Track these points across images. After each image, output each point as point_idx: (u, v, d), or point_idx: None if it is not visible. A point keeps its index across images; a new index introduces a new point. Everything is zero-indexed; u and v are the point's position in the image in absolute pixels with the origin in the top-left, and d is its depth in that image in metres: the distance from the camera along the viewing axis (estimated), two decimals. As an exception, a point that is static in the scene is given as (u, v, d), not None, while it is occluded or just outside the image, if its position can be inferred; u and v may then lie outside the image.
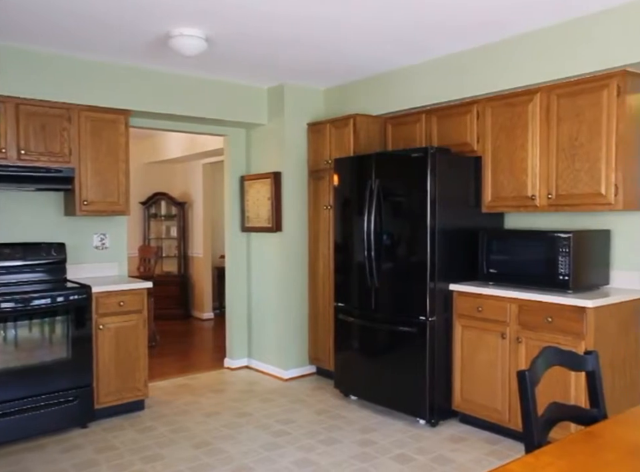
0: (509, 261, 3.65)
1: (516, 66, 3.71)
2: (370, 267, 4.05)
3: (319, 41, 3.83)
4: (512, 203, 3.78)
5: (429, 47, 3.96)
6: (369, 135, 4.61)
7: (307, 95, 5.07)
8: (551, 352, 1.78)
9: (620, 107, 3.24)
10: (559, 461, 1.45)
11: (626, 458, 1.47)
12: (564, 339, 3.19)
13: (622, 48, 3.20)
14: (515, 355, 3.44)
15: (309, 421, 3.93)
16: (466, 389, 3.74)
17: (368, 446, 3.49)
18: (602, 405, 1.85)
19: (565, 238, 3.29)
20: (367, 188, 4.06)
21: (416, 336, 3.76)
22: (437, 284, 3.73)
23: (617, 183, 3.26)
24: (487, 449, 3.42)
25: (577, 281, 3.31)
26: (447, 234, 3.78)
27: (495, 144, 3.86)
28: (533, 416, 1.63)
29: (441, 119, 4.22)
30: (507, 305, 3.49)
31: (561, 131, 3.50)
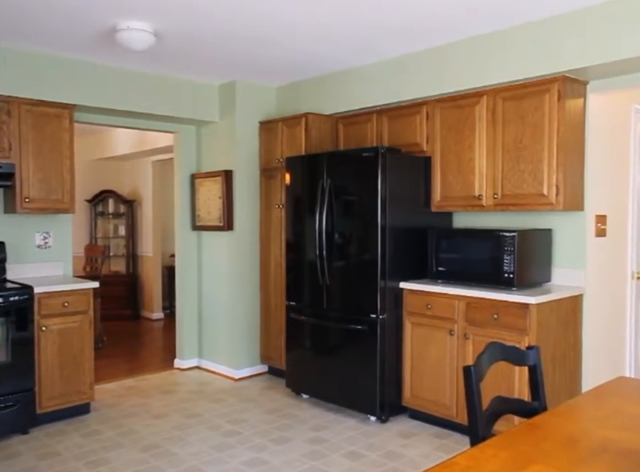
0: (457, 259, 3.73)
1: (464, 68, 3.80)
2: (321, 266, 4.06)
3: (270, 39, 3.81)
4: (460, 202, 3.87)
5: (380, 48, 4.01)
6: (321, 133, 4.62)
7: (259, 93, 5.04)
8: (495, 348, 1.83)
9: (560, 111, 3.36)
10: (501, 453, 1.50)
11: (563, 447, 1.53)
12: (509, 334, 3.30)
13: (562, 54, 3.32)
14: (463, 351, 3.53)
15: (260, 420, 3.91)
16: (416, 385, 3.80)
17: (319, 444, 3.50)
18: (542, 398, 1.92)
19: (510, 237, 3.39)
20: (318, 187, 4.07)
21: (367, 334, 3.80)
22: (388, 282, 3.78)
23: (558, 184, 3.39)
24: (435, 444, 3.49)
25: (521, 279, 3.42)
26: (398, 233, 3.83)
27: (443, 144, 3.94)
28: (478, 410, 1.67)
29: (391, 119, 4.28)
30: (455, 303, 3.57)
31: (506, 132, 3.61)
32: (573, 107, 3.46)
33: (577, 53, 3.26)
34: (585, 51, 3.23)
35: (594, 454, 1.50)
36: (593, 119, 3.60)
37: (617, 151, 3.93)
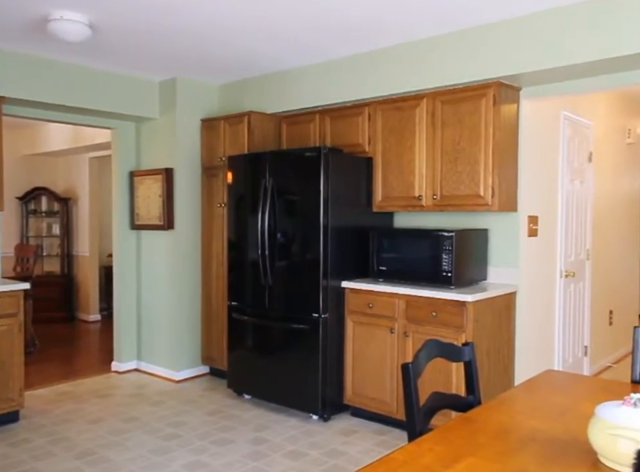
0: (398, 258, 3.80)
1: (404, 71, 3.87)
2: (264, 265, 4.04)
3: (213, 36, 3.76)
4: (400, 202, 3.94)
5: (324, 48, 4.03)
6: (264, 132, 4.60)
7: (201, 90, 4.96)
8: (432, 345, 1.88)
9: (496, 115, 3.49)
10: (437, 447, 1.53)
11: (494, 438, 1.59)
12: (447, 331, 3.39)
13: (497, 61, 3.44)
14: (403, 348, 3.60)
15: (201, 422, 3.85)
16: (357, 383, 3.85)
17: (261, 444, 3.48)
18: (477, 392, 1.98)
19: (448, 236, 3.49)
20: (261, 186, 4.05)
21: (309, 333, 3.81)
22: (330, 281, 3.80)
23: (493, 186, 3.51)
24: (376, 440, 3.54)
25: (458, 277, 3.52)
26: (340, 232, 3.86)
27: (385, 146, 4.01)
28: (415, 406, 1.71)
29: (334, 119, 4.31)
30: (396, 301, 3.64)
31: (445, 135, 3.70)
32: (507, 112, 3.59)
33: (511, 60, 3.39)
34: (518, 58, 3.36)
35: (523, 444, 1.56)
36: (525, 123, 3.75)
37: (547, 155, 4.12)
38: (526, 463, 1.44)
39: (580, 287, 4.71)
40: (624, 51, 2.98)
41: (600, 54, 3.06)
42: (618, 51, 3.00)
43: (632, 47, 2.95)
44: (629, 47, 2.96)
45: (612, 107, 5.35)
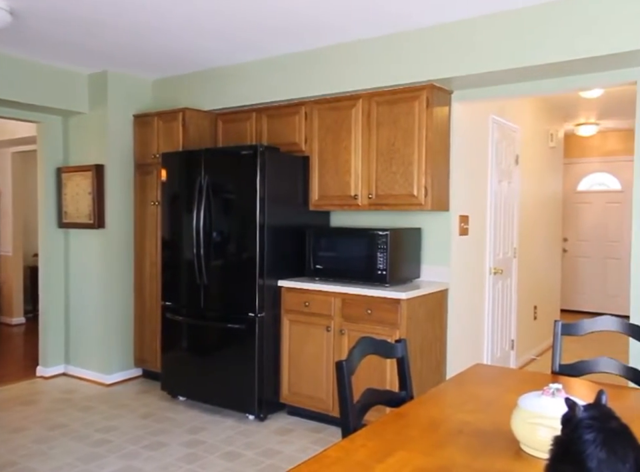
0: (334, 257, 3.83)
1: (341, 71, 3.91)
2: (199, 265, 3.98)
3: (145, 30, 3.65)
4: (337, 201, 3.98)
5: (262, 45, 4.00)
6: (199, 130, 4.52)
7: (134, 85, 4.81)
8: (366, 342, 1.91)
9: (429, 117, 3.58)
10: (370, 442, 1.56)
11: (425, 432, 1.63)
12: (381, 328, 3.45)
13: (430, 64, 3.53)
14: (339, 346, 3.63)
15: (133, 426, 3.74)
16: (294, 381, 3.85)
17: (196, 446, 3.42)
18: (409, 387, 2.03)
19: (383, 235, 3.55)
20: (196, 184, 3.98)
21: (245, 332, 3.78)
22: (266, 280, 3.79)
23: (426, 186, 3.60)
24: (312, 438, 3.56)
25: (393, 275, 3.59)
26: (276, 231, 3.86)
27: (321, 145, 4.03)
28: (349, 403, 1.73)
29: (271, 118, 4.29)
30: (332, 299, 3.67)
31: (380, 135, 3.77)
32: (439, 114, 3.69)
33: (444, 64, 3.49)
34: (450, 62, 3.46)
35: (452, 436, 1.61)
36: (457, 126, 3.88)
37: (477, 157, 4.27)
38: (453, 454, 1.49)
39: (507, 284, 4.92)
40: (548, 59, 3.13)
41: (526, 61, 3.20)
42: (542, 59, 3.14)
43: (555, 56, 3.10)
44: (552, 55, 3.11)
45: (536, 112, 5.61)
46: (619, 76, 3.29)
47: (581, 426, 1.07)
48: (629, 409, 1.89)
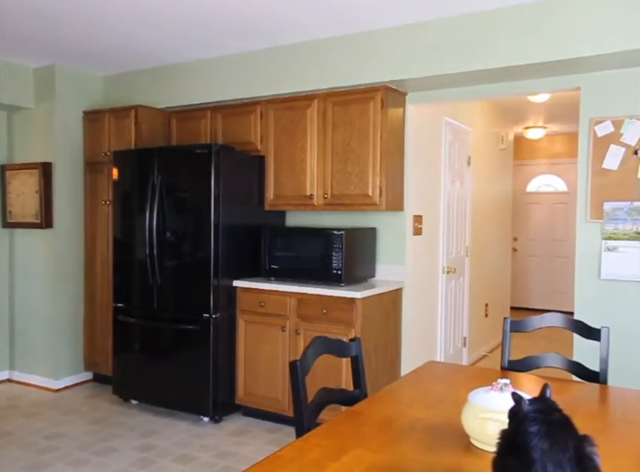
0: (290, 257, 3.83)
1: (297, 70, 3.90)
2: (152, 265, 3.90)
3: (95, 23, 3.56)
4: (292, 201, 3.98)
5: (217, 43, 3.95)
6: (153, 128, 4.43)
7: (84, 80, 4.68)
8: (320, 342, 1.91)
9: (383, 118, 3.62)
10: (324, 441, 1.57)
11: (379, 430, 1.65)
12: (337, 328, 3.47)
13: (386, 66, 3.57)
14: (295, 346, 3.63)
15: (82, 432, 3.64)
16: (249, 382, 3.83)
17: (149, 451, 3.36)
18: (363, 386, 2.04)
19: (338, 235, 3.57)
20: (149, 183, 3.90)
21: (200, 333, 3.73)
22: (221, 280, 3.75)
23: (381, 186, 3.64)
24: (268, 438, 3.54)
25: (348, 275, 3.61)
26: (231, 231, 3.82)
27: (277, 144, 4.02)
28: (303, 403, 1.73)
29: (226, 116, 4.25)
30: (287, 299, 3.66)
31: (335, 136, 3.79)
32: (394, 115, 3.74)
33: (399, 66, 3.53)
34: (405, 65, 3.51)
35: (404, 433, 1.64)
36: (411, 127, 3.93)
37: (430, 158, 4.35)
38: (406, 450, 1.51)
39: (460, 282, 5.03)
40: (498, 64, 3.21)
41: (477, 65, 3.27)
42: (493, 63, 3.23)
43: (505, 61, 3.19)
44: (502, 60, 3.20)
45: (488, 115, 5.76)
46: (564, 82, 3.41)
47: (526, 419, 1.11)
48: (571, 401, 1.96)
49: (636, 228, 3.20)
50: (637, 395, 2.07)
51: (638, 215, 3.19)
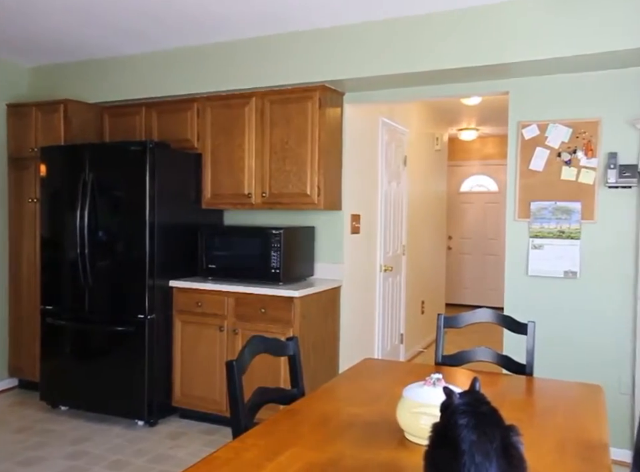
0: (228, 256, 3.78)
1: (235, 68, 3.86)
2: (83, 266, 3.76)
3: (19, 10, 3.38)
4: (230, 200, 3.93)
5: (153, 38, 3.84)
6: (84, 123, 4.26)
7: (7, 71, 4.44)
8: (256, 341, 1.90)
9: (321, 118, 3.64)
10: (261, 441, 1.56)
11: (316, 427, 1.66)
12: (275, 327, 3.46)
13: (324, 65, 3.59)
14: (232, 346, 3.59)
15: (6, 441, 3.45)
16: (186, 384, 3.76)
17: (80, 458, 3.23)
18: (301, 384, 2.05)
19: (276, 234, 3.56)
20: (79, 181, 3.75)
21: (134, 335, 3.63)
22: (157, 281, 3.66)
23: (319, 185, 3.66)
24: (205, 440, 3.49)
25: (287, 274, 3.61)
26: (167, 230, 3.74)
27: (214, 142, 3.96)
28: (240, 402, 1.72)
29: (161, 113, 4.15)
30: (225, 299, 3.62)
31: (274, 134, 3.77)
32: (332, 115, 3.77)
33: (336, 66, 3.55)
34: (341, 64, 3.54)
35: (342, 429, 1.65)
36: (348, 127, 3.98)
37: (368, 158, 4.41)
38: (343, 447, 1.53)
39: (397, 280, 5.13)
40: (431, 67, 3.30)
41: (412, 67, 3.35)
42: (426, 66, 3.31)
43: (438, 64, 3.27)
44: (436, 63, 3.28)
45: (423, 116, 5.91)
46: (494, 86, 3.55)
47: (456, 412, 1.14)
48: (500, 392, 2.05)
49: (559, 227, 3.37)
50: (559, 385, 2.18)
51: (561, 214, 3.36)
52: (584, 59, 3.06)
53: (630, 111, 3.22)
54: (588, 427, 1.70)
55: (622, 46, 2.87)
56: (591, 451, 1.52)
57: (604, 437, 1.62)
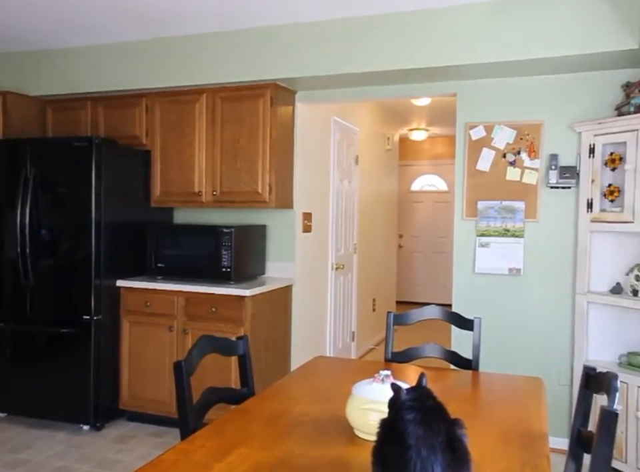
0: (178, 255, 3.72)
1: (186, 64, 3.78)
2: (24, 266, 3.61)
3: (-44, -1, 3.22)
4: (180, 198, 3.87)
5: (100, 30, 3.73)
6: (25, 117, 4.10)
7: (-58, 61, 4.22)
8: (205, 341, 1.88)
9: (273, 116, 3.63)
10: (209, 442, 1.54)
11: (266, 427, 1.65)
12: (226, 326, 3.42)
13: (275, 63, 3.57)
14: (182, 346, 3.53)
15: (-58, 451, 3.29)
16: (134, 386, 3.67)
17: (20, 466, 3.10)
18: (251, 384, 2.04)
19: (227, 232, 3.53)
20: (20, 177, 3.61)
21: (79, 337, 3.52)
22: (103, 281, 3.56)
23: (270, 184, 3.65)
24: (154, 443, 3.42)
25: (238, 272, 3.58)
26: (115, 228, 3.64)
27: (164, 139, 3.89)
28: (188, 404, 1.69)
29: (108, 108, 4.03)
30: (175, 298, 3.56)
31: (225, 132, 3.73)
32: (284, 113, 3.76)
33: (287, 64, 3.54)
34: (293, 63, 3.52)
35: (291, 428, 1.65)
36: (300, 125, 3.98)
37: (320, 156, 4.42)
38: (292, 445, 1.53)
39: (348, 278, 5.17)
40: (382, 67, 3.33)
41: (363, 67, 3.37)
42: (377, 66, 3.34)
43: (388, 64, 3.31)
44: (386, 64, 3.32)
45: (375, 116, 5.97)
46: (443, 88, 3.62)
47: (403, 408, 1.16)
48: (447, 388, 2.09)
49: (504, 225, 3.48)
50: (503, 379, 2.25)
51: (506, 213, 3.47)
52: (527, 64, 3.17)
53: (570, 115, 3.35)
54: (529, 418, 1.76)
55: (560, 53, 2.99)
56: (532, 440, 1.58)
57: (544, 427, 1.68)
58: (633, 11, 2.84)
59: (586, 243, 3.23)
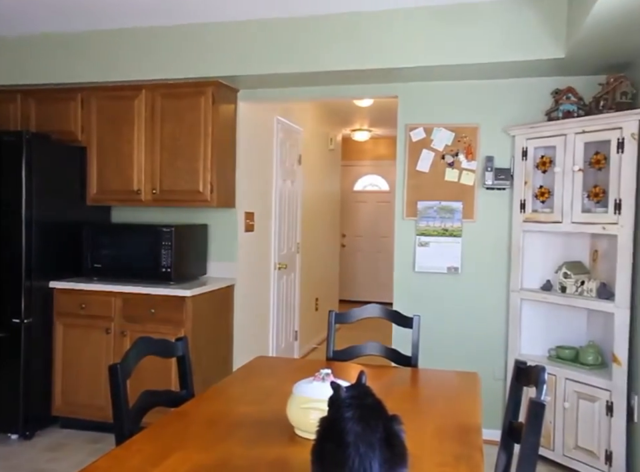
0: (115, 255, 3.60)
1: (125, 58, 3.66)
2: (-52, 267, 3.41)
3: None
4: (118, 196, 3.76)
5: (28, 20, 3.56)
6: (-52, 109, 3.87)
7: None
8: (143, 343, 1.83)
9: (215, 114, 3.58)
10: (146, 446, 1.50)
11: (205, 429, 1.63)
12: (166, 328, 3.35)
13: (217, 61, 3.51)
14: (120, 349, 3.43)
15: None
16: (68, 391, 3.53)
17: (-57, 479, 2.93)
18: (190, 386, 2.00)
19: (167, 232, 3.45)
20: (-57, 172, 3.40)
21: (8, 342, 3.35)
22: (34, 282, 3.41)
23: (212, 182, 3.60)
24: (89, 449, 3.30)
25: (178, 273, 3.51)
26: (48, 228, 3.49)
27: (101, 136, 3.76)
28: (124, 408, 1.65)
29: (40, 102, 3.86)
30: (112, 300, 3.45)
31: (164, 129, 3.65)
32: (226, 112, 3.71)
33: (229, 62, 3.50)
34: (234, 61, 3.49)
35: (232, 429, 1.63)
36: (243, 124, 3.94)
37: (263, 155, 4.40)
38: (232, 447, 1.51)
39: (291, 278, 5.17)
40: (324, 68, 3.35)
41: (305, 67, 3.38)
42: (319, 66, 3.36)
43: (333, 65, 3.33)
44: (327, 64, 3.34)
45: (318, 116, 5.99)
46: (384, 89, 3.68)
47: (342, 405, 1.17)
48: (386, 385, 2.13)
49: (443, 225, 3.57)
50: (440, 375, 2.31)
51: (445, 213, 3.56)
52: (463, 68, 3.26)
53: (504, 119, 3.48)
54: (465, 412, 1.81)
55: (493, 59, 3.11)
56: (466, 434, 1.62)
57: (478, 420, 1.73)
58: (559, 22, 2.98)
59: (519, 242, 3.36)
